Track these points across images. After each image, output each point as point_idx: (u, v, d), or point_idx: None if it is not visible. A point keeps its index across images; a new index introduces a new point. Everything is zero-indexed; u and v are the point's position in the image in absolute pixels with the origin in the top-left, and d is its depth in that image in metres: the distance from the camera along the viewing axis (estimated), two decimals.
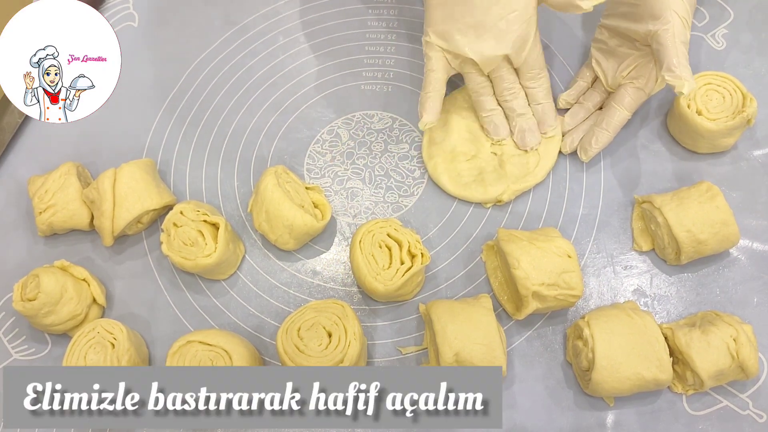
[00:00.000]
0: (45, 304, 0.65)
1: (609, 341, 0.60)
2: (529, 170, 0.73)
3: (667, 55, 0.64)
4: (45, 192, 0.71)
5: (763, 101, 0.74)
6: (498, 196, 0.72)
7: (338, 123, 0.79)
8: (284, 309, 0.70)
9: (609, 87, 0.73)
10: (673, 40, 0.64)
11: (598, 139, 0.71)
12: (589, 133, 0.72)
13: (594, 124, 0.72)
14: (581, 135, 0.74)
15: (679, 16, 0.65)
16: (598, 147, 0.71)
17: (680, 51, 0.64)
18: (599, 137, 0.71)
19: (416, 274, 0.65)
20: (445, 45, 0.69)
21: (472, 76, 0.71)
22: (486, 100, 0.73)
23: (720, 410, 0.63)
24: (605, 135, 0.71)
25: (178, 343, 0.62)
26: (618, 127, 0.71)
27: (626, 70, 0.70)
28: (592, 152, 0.72)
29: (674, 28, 0.64)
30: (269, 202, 0.67)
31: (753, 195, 0.72)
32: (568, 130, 0.75)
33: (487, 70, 0.70)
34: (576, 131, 0.74)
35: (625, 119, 0.70)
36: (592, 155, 0.72)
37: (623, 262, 0.70)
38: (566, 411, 0.64)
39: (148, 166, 0.73)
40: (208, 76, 0.83)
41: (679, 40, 0.64)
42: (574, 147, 0.74)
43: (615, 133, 0.71)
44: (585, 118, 0.75)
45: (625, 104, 0.69)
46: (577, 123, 0.75)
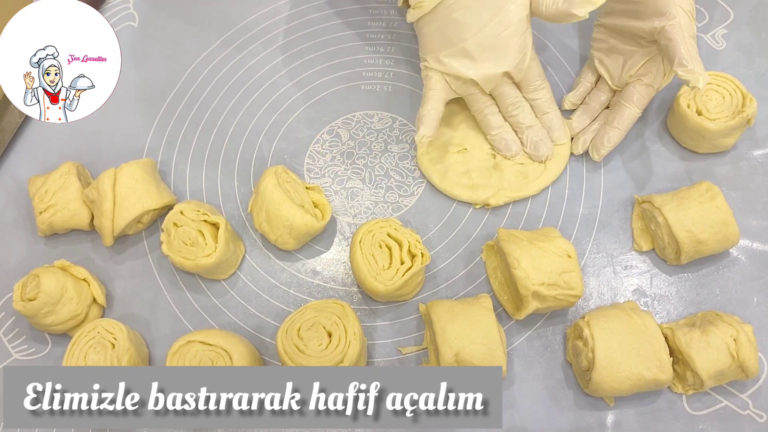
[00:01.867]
0: (45, 304, 0.65)
1: (609, 341, 0.60)
2: (528, 181, 0.73)
3: (677, 50, 0.63)
4: (45, 192, 0.71)
5: (763, 101, 0.74)
6: (486, 199, 0.72)
7: (338, 123, 0.79)
8: (284, 309, 0.70)
9: (615, 86, 0.73)
10: (682, 35, 0.63)
11: (610, 138, 0.71)
12: (600, 132, 0.72)
13: (605, 123, 0.72)
14: (592, 135, 0.74)
15: (684, 10, 0.65)
16: (610, 146, 0.71)
17: (690, 45, 0.63)
18: (611, 136, 0.71)
19: (416, 274, 0.65)
20: (444, 69, 0.69)
21: (475, 96, 0.71)
22: (493, 119, 0.73)
23: (720, 410, 0.63)
24: (617, 133, 0.71)
25: (178, 343, 0.62)
26: (629, 125, 0.71)
27: (633, 68, 0.70)
28: (605, 151, 0.72)
29: (681, 23, 0.64)
30: (269, 202, 0.67)
31: (753, 195, 0.72)
32: (576, 131, 0.75)
33: (489, 88, 0.70)
34: (586, 132, 0.74)
35: (636, 116, 0.70)
36: (605, 154, 0.72)
37: (623, 262, 0.70)
38: (566, 411, 0.64)
39: (148, 166, 0.73)
40: (208, 76, 0.83)
41: (688, 35, 0.64)
42: (586, 147, 0.74)
43: (626, 131, 0.71)
44: (593, 118, 0.75)
45: (635, 102, 0.69)
46: (585, 124, 0.75)
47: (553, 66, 0.81)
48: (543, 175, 0.73)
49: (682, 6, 0.64)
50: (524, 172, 0.73)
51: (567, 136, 0.74)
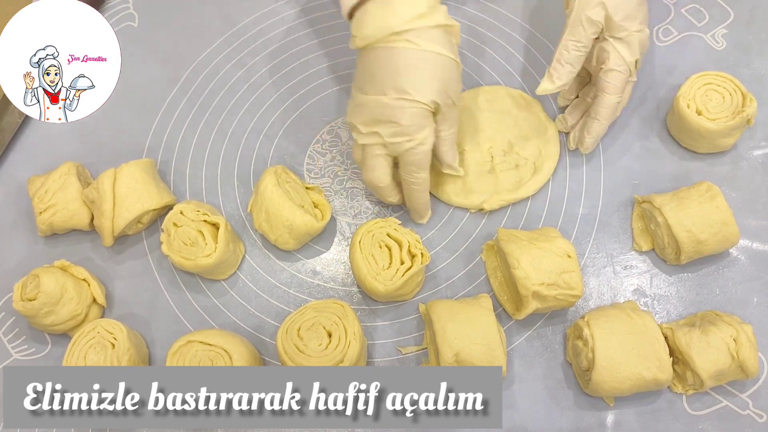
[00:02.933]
0: (45, 304, 0.65)
1: (609, 341, 0.60)
2: (522, 184, 0.73)
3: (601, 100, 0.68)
4: (45, 192, 0.71)
5: (763, 101, 0.74)
6: (480, 204, 0.72)
7: (338, 123, 0.79)
8: (284, 309, 0.70)
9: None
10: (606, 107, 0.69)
11: (590, 129, 0.71)
12: (582, 125, 0.72)
13: (586, 115, 0.72)
14: (579, 129, 0.74)
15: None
16: (591, 137, 0.71)
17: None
18: (590, 127, 0.71)
19: (416, 274, 0.65)
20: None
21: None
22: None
23: (720, 410, 0.63)
24: (596, 124, 0.70)
25: (178, 343, 0.62)
26: (609, 114, 0.69)
27: (594, 58, 0.69)
28: (588, 143, 0.71)
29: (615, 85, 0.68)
30: (269, 202, 0.67)
31: (753, 195, 0.72)
32: (570, 126, 0.75)
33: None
34: (579, 126, 0.74)
35: (611, 103, 0.69)
36: (589, 146, 0.72)
37: (623, 262, 0.70)
38: (566, 411, 0.64)
39: (148, 166, 0.73)
40: (208, 76, 0.83)
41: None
42: (576, 141, 0.74)
43: (607, 119, 0.70)
44: (584, 112, 0.75)
45: (606, 89, 0.68)
46: (578, 119, 0.75)
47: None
48: (536, 177, 0.73)
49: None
50: (518, 175, 0.73)
51: (557, 148, 0.74)
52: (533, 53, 0.81)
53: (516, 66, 0.81)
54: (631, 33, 0.66)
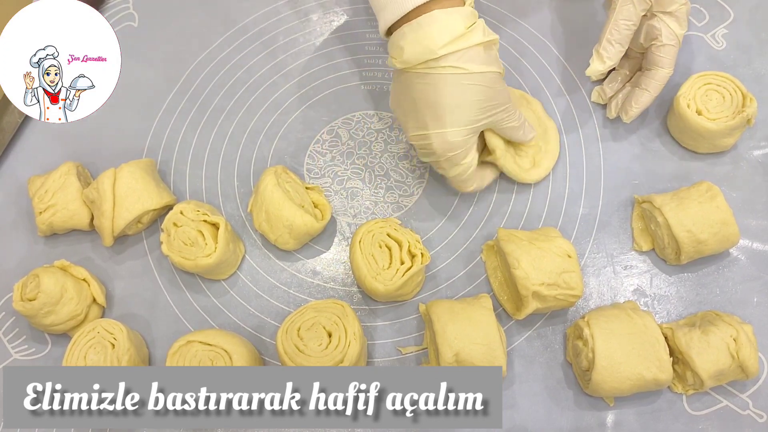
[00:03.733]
0: (45, 304, 0.65)
1: (609, 341, 0.60)
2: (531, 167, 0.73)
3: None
4: (45, 192, 0.71)
5: (763, 101, 0.74)
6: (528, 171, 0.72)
7: (338, 123, 0.79)
8: (284, 309, 0.70)
9: (638, 51, 0.74)
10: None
11: (639, 100, 0.71)
12: (630, 94, 0.73)
13: (635, 85, 0.73)
14: (623, 99, 0.74)
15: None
16: (638, 107, 0.72)
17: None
18: (639, 98, 0.71)
19: (416, 274, 0.65)
20: None
21: None
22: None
23: (720, 410, 0.63)
24: (646, 95, 0.71)
25: (178, 343, 0.62)
26: (659, 87, 0.71)
27: (641, 35, 0.70)
28: (633, 113, 0.72)
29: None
30: (269, 202, 0.67)
31: (753, 195, 0.72)
32: (609, 95, 0.76)
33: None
34: (619, 95, 0.75)
35: (665, 77, 0.70)
36: (633, 116, 0.73)
37: (623, 262, 0.70)
38: (566, 411, 0.64)
39: (148, 166, 0.73)
40: (208, 76, 0.83)
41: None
42: (618, 109, 0.74)
43: (656, 92, 0.71)
44: (625, 82, 0.76)
45: (660, 63, 0.70)
46: (617, 88, 0.76)
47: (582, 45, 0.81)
48: (536, 169, 0.73)
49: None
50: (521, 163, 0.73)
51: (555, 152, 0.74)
52: (533, 53, 0.81)
53: (516, 66, 0.81)
54: (679, 7, 0.68)
